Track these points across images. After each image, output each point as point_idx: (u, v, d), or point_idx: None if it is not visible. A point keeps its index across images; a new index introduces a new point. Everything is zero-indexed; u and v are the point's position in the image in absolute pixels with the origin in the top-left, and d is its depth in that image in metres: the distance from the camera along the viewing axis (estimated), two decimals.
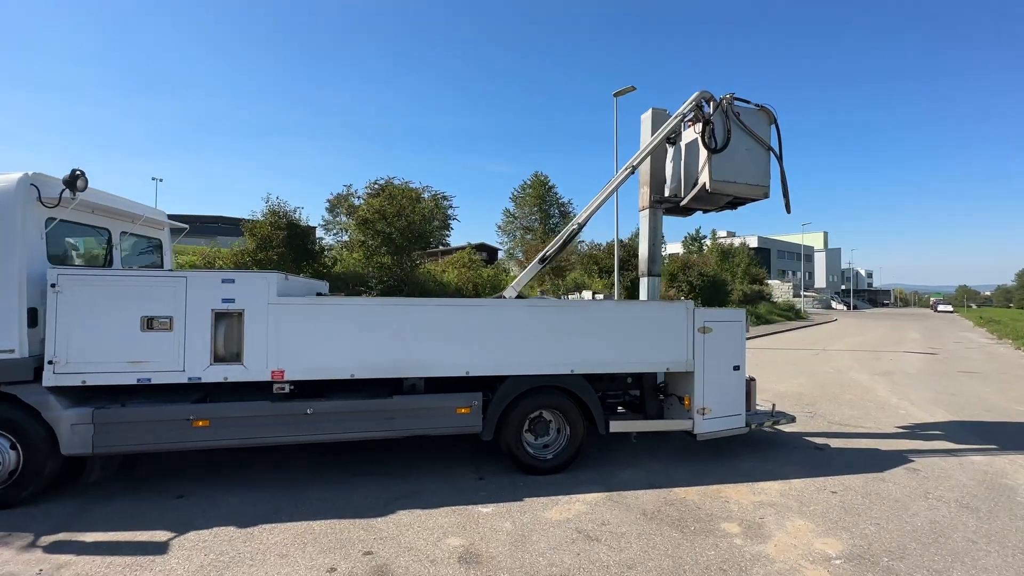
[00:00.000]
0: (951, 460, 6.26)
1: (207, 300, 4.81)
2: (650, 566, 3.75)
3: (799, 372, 13.47)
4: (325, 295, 6.66)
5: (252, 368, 4.88)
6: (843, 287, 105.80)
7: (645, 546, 4.04)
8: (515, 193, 62.37)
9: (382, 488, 5.12)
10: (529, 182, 62.31)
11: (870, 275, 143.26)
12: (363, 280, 15.96)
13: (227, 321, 4.85)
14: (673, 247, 64.30)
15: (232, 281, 4.90)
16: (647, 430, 6.01)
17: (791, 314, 42.32)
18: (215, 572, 3.58)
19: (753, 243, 75.69)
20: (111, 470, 5.15)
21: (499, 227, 62.44)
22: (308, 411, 5.01)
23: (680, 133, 7.29)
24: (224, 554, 3.82)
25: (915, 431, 7.71)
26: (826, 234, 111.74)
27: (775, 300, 50.62)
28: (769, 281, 57.83)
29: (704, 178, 7.04)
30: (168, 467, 5.57)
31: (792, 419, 6.78)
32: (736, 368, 6.18)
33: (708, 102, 7.06)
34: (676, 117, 7.00)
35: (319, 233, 19.47)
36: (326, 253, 16.82)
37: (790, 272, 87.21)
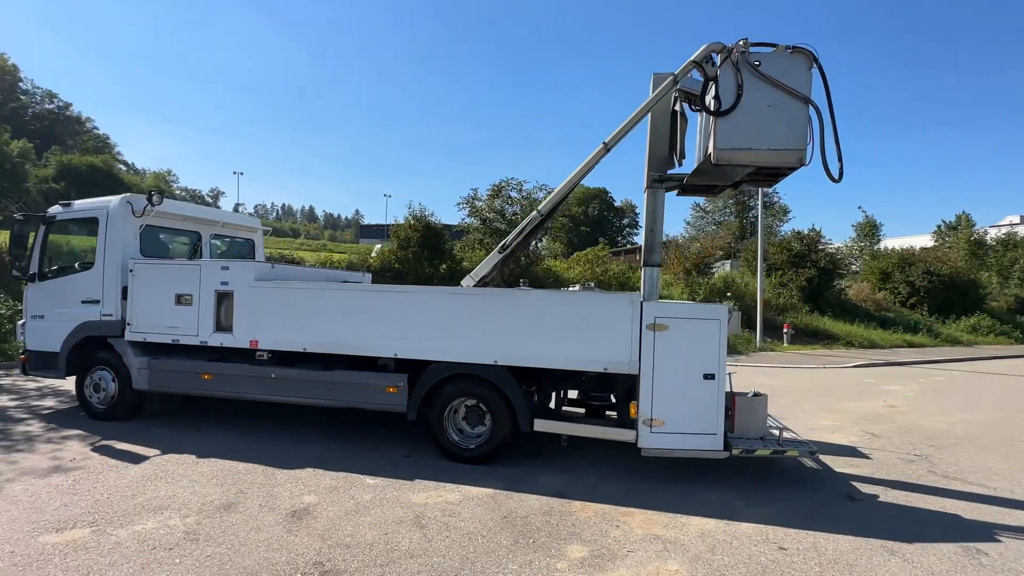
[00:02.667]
0: None
1: (212, 282, 6.26)
2: (436, 561, 3.61)
3: (984, 405, 9.60)
4: (352, 284, 7.72)
5: (238, 337, 6.18)
6: None
7: (458, 544, 3.86)
8: None
9: (321, 448, 5.89)
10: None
11: None
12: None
13: (224, 299, 6.24)
14: (921, 239, 50.33)
15: (227, 268, 6.27)
16: (577, 435, 5.41)
17: None
18: (144, 483, 4.81)
19: None
20: (171, 406, 7.10)
21: (687, 223, 58.16)
22: (272, 375, 6.08)
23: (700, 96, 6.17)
24: (164, 470, 5.06)
25: None
26: None
27: None
28: None
29: (710, 148, 5.89)
30: (214, 411, 7.30)
31: (810, 452, 5.21)
32: (708, 376, 5.07)
33: (719, 54, 5.86)
34: (667, 83, 5.99)
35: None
36: (456, 251, 18.62)
37: None
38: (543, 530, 4.12)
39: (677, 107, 6.52)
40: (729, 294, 19.83)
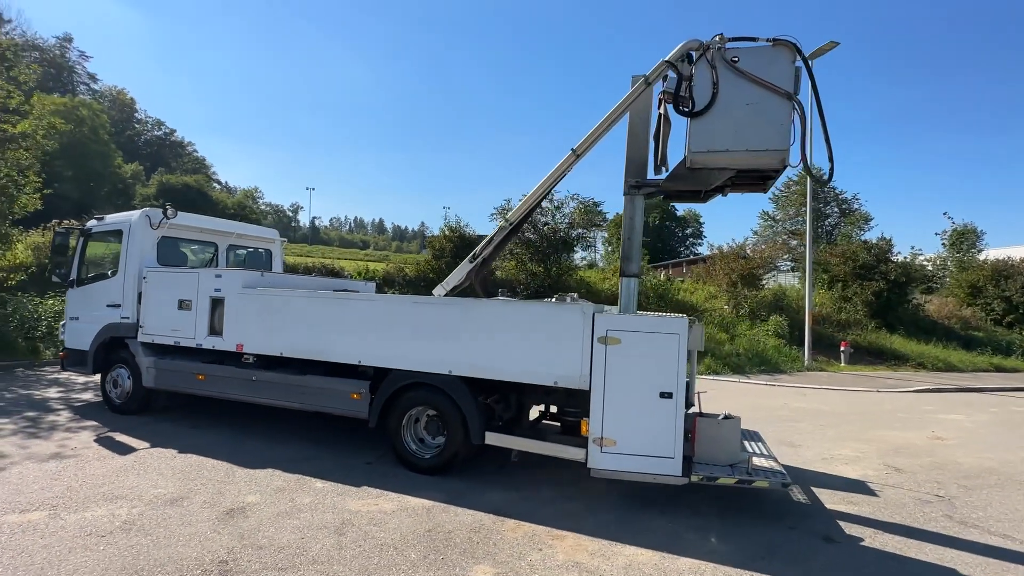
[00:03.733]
0: None
1: (207, 289, 6.71)
2: (335, 569, 3.59)
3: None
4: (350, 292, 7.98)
5: (227, 340, 6.56)
6: None
7: (365, 555, 3.82)
8: (776, 192, 53.91)
9: (292, 449, 6.10)
10: (795, 177, 53.07)
11: None
12: (513, 286, 17.17)
13: (217, 305, 6.66)
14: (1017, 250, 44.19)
15: (220, 276, 6.70)
16: (527, 450, 5.20)
17: None
18: (117, 474, 5.20)
19: None
20: (177, 403, 7.65)
21: (755, 232, 54.93)
22: (253, 378, 6.39)
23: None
24: (142, 463, 5.45)
25: None
26: None
27: None
28: None
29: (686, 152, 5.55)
30: (216, 410, 7.76)
31: (782, 484, 4.66)
32: (666, 395, 4.72)
33: (696, 52, 5.53)
34: (638, 86, 5.72)
35: None
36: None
37: None
38: (460, 548, 3.99)
39: (662, 110, 6.21)
40: (781, 308, 18.42)
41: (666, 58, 5.62)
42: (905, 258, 22.23)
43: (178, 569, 3.53)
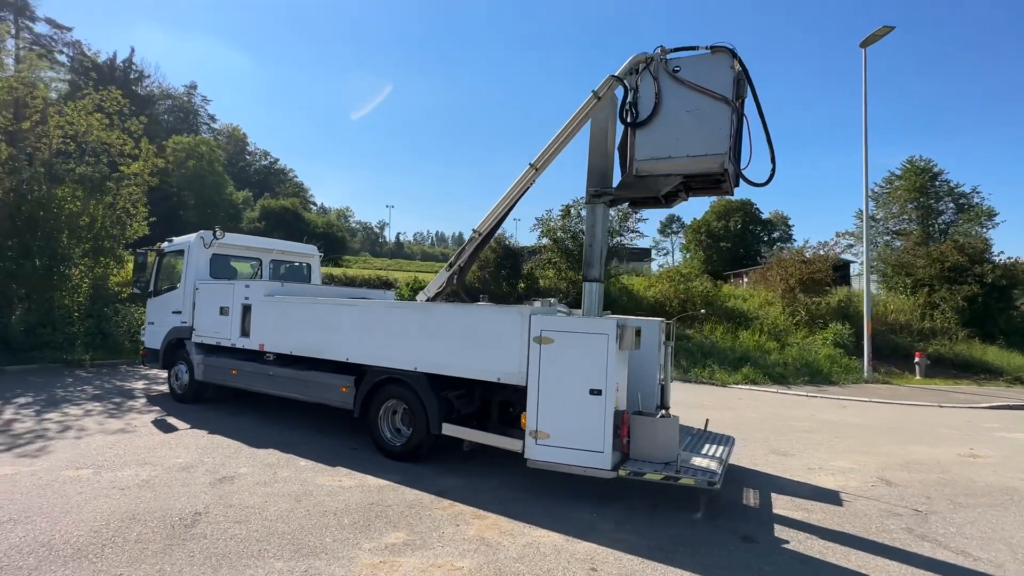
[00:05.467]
0: None
1: (239, 297, 7.95)
2: (275, 524, 4.34)
3: None
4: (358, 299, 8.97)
5: (253, 341, 7.73)
6: None
7: (307, 516, 4.53)
8: (876, 189, 49.21)
9: (297, 435, 7.06)
10: (899, 172, 48.08)
11: None
12: (551, 295, 17.52)
13: (247, 311, 7.87)
14: None
15: (248, 286, 7.91)
16: (475, 440, 5.65)
17: None
18: (155, 447, 6.42)
19: None
20: (225, 394, 8.99)
21: (850, 234, 50.47)
22: (270, 373, 7.47)
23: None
24: (178, 439, 6.65)
25: None
26: None
27: None
28: None
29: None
30: (254, 401, 9.01)
31: (708, 483, 4.72)
32: (595, 392, 5.01)
33: (642, 65, 5.80)
34: (588, 100, 6.06)
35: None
36: (531, 270, 19.25)
37: None
38: (388, 518, 4.58)
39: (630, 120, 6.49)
40: (846, 316, 17.01)
41: (615, 73, 5.94)
42: (1009, 259, 19.46)
43: (164, 516, 4.46)
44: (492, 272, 18.63)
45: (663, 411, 6.66)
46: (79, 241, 13.36)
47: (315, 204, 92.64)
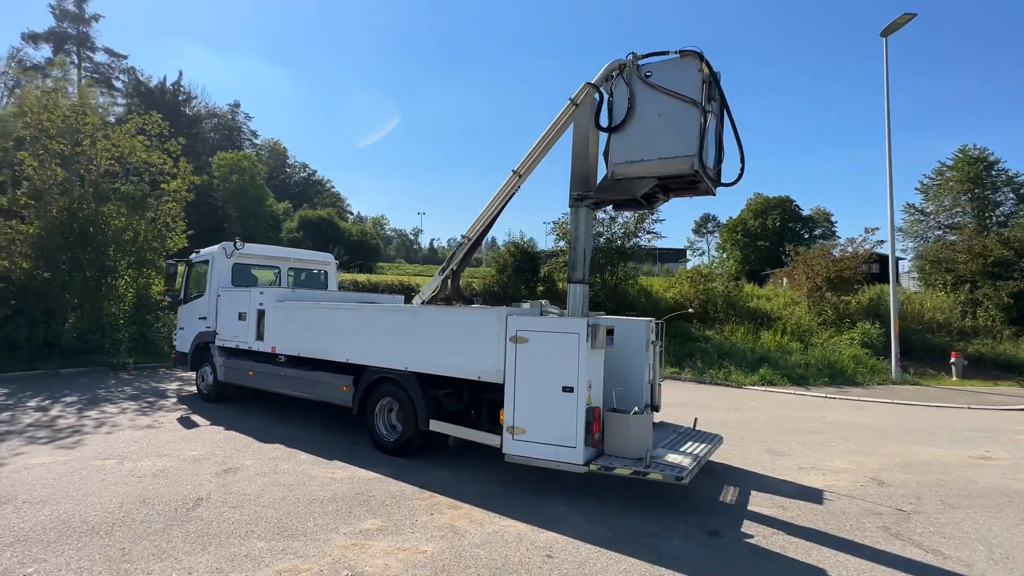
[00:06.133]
0: None
1: (255, 303, 8.52)
2: (264, 510, 4.73)
3: None
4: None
5: (266, 343, 8.28)
6: None
7: (295, 502, 4.91)
8: (925, 181, 46.87)
9: (306, 432, 7.50)
10: (950, 162, 45.73)
11: None
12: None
13: (261, 316, 8.43)
14: None
15: (263, 293, 8.47)
16: (459, 436, 5.92)
17: None
18: (175, 441, 6.99)
19: None
20: (245, 394, 9.60)
21: (901, 231, 48.06)
22: (281, 374, 7.98)
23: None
24: (196, 435, 7.22)
25: None
26: None
27: None
28: None
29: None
30: (273, 401, 9.58)
31: (676, 478, 4.81)
32: (567, 389, 5.19)
33: (617, 71, 5.97)
34: (566, 108, 6.26)
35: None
36: (548, 273, 19.41)
37: None
38: (368, 506, 4.91)
39: None
40: (878, 315, 16.35)
41: (591, 81, 6.13)
42: None
43: (170, 500, 4.93)
44: (511, 275, 18.91)
45: (647, 409, 6.76)
46: (124, 254, 14.49)
47: (351, 213, 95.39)
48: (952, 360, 14.44)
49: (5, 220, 13.29)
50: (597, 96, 6.11)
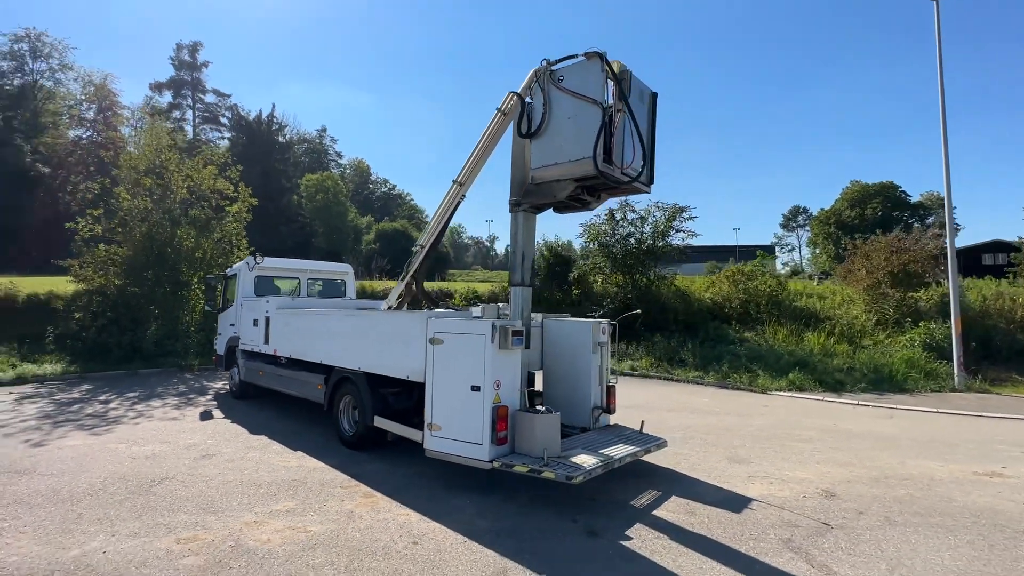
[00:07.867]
0: None
1: (264, 311, 9.58)
2: (203, 488, 5.46)
3: None
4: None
5: (271, 347, 9.28)
6: None
7: (239, 482, 5.60)
8: None
9: (299, 427, 8.31)
10: None
11: None
12: (600, 300, 17.33)
13: (268, 322, 9.46)
14: None
15: (268, 301, 9.50)
16: (392, 431, 6.29)
17: None
18: (183, 430, 8.09)
19: None
20: (262, 391, 10.72)
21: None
22: (279, 374, 8.91)
23: None
24: (204, 426, 8.29)
25: None
26: None
27: None
28: None
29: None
30: (285, 399, 10.58)
31: (567, 477, 4.85)
32: (475, 388, 5.43)
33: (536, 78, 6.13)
34: (495, 116, 6.48)
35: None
36: (585, 276, 19.23)
37: None
38: (293, 491, 5.47)
39: None
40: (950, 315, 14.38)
41: (516, 90, 6.32)
42: None
43: (143, 478, 5.84)
44: (543, 279, 19.05)
45: (601, 411, 6.72)
46: (194, 270, 16.66)
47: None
48: None
49: (103, 245, 15.89)
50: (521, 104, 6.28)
